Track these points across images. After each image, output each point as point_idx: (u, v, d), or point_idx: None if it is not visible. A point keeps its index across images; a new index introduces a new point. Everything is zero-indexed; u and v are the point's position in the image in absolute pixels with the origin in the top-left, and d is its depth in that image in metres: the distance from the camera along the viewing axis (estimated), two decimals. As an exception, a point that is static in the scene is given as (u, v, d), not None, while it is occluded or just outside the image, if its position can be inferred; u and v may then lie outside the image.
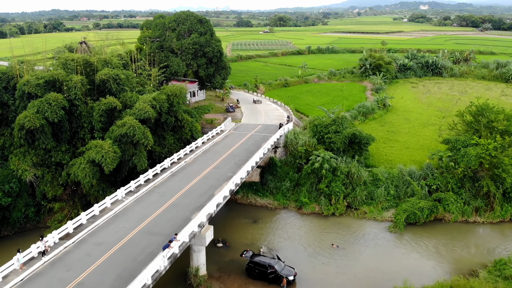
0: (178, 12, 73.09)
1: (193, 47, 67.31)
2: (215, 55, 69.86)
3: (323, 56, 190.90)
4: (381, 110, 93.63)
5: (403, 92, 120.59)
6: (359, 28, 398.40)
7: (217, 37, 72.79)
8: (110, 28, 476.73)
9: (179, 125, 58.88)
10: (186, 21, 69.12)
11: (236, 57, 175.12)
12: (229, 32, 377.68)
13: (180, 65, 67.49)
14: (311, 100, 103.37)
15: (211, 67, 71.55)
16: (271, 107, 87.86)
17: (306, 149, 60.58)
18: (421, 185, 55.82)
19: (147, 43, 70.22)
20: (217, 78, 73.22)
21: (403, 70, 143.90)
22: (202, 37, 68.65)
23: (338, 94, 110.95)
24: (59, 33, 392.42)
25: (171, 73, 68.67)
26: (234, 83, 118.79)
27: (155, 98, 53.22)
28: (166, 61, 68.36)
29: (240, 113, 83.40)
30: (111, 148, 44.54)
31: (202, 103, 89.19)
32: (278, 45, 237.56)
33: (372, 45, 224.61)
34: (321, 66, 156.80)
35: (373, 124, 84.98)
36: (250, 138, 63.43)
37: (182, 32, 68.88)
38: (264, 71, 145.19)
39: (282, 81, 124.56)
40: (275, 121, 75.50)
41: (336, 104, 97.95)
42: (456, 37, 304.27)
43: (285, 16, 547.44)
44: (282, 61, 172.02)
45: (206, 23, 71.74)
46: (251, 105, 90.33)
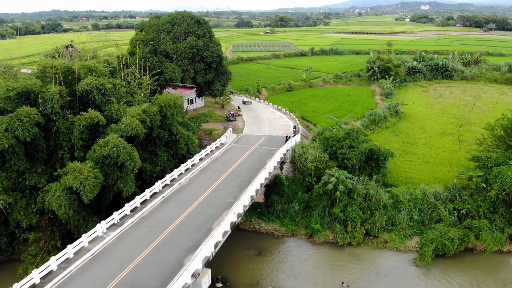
0: (174, 12, 66.42)
1: (190, 51, 60.57)
2: (215, 60, 63.11)
3: (327, 58, 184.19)
4: (393, 118, 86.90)
5: (414, 96, 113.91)
6: (362, 29, 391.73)
7: (216, 40, 66.07)
8: (109, 29, 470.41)
9: (173, 139, 52.24)
10: (182, 22, 62.39)
11: (237, 59, 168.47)
12: (229, 32, 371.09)
13: (176, 71, 60.84)
14: (318, 106, 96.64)
15: (210, 73, 64.81)
16: (275, 115, 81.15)
17: (316, 166, 53.91)
18: (449, 209, 49.10)
19: (139, 47, 63.61)
20: (216, 85, 66.52)
21: (412, 73, 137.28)
22: (200, 40, 61.91)
23: (345, 99, 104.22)
24: (56, 34, 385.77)
25: (165, 80, 61.99)
26: (235, 87, 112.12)
27: (146, 110, 46.54)
28: (160, 66, 61.69)
29: (242, 122, 76.71)
30: (91, 173, 37.80)
31: (201, 111, 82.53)
32: (280, 46, 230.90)
33: (377, 46, 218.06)
34: (325, 68, 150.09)
35: (387, 134, 78.24)
36: (254, 152, 56.70)
37: (177, 34, 62.16)
38: (266, 74, 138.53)
39: (285, 85, 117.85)
40: (280, 131, 68.81)
41: (345, 111, 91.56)
42: (461, 37, 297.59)
43: (286, 17, 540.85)
44: (284, 63, 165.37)
45: (204, 24, 64.95)
46: (253, 112, 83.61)
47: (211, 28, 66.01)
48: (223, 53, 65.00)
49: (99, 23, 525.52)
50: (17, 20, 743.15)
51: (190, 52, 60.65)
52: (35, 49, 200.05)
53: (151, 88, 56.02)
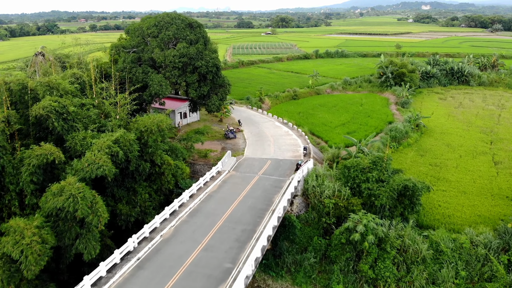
0: (161, 13, 55.96)
1: (180, 60, 50.17)
2: (210, 71, 52.66)
3: (333, 61, 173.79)
4: (415, 133, 76.49)
5: (431, 105, 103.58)
6: (365, 29, 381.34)
7: (213, 47, 55.55)
8: (107, 30, 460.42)
9: (157, 171, 41.91)
10: (171, 25, 51.92)
11: (237, 63, 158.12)
12: (229, 33, 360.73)
13: (163, 85, 50.46)
14: (328, 117, 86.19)
15: (204, 86, 54.42)
16: (280, 131, 70.71)
17: (335, 203, 43.53)
18: (503, 262, 38.72)
19: (120, 55, 53.32)
20: (213, 99, 56.13)
21: (426, 78, 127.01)
22: (193, 47, 51.49)
23: (358, 109, 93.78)
24: (52, 36, 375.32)
25: (150, 95, 51.69)
26: (235, 96, 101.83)
27: (119, 140, 36.20)
28: (144, 79, 51.39)
29: (243, 139, 66.36)
30: (36, 237, 27.47)
31: (196, 126, 72.18)
32: (283, 48, 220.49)
33: (384, 48, 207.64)
34: (332, 73, 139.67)
35: (410, 153, 67.85)
36: (257, 185, 46.31)
37: (165, 40, 51.77)
38: (268, 79, 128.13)
39: (290, 92, 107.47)
40: (288, 153, 58.44)
41: (359, 124, 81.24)
42: (469, 38, 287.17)
43: (287, 17, 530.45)
44: (288, 67, 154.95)
45: (197, 28, 54.41)
46: (256, 127, 73.25)
47: (206, 33, 55.52)
48: (220, 61, 54.66)
49: (97, 24, 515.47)
50: (15, 21, 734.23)
51: (180, 62, 50.25)
52: (24, 52, 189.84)
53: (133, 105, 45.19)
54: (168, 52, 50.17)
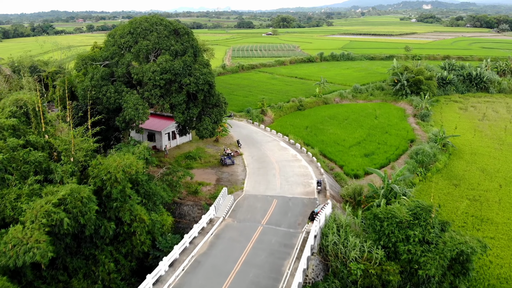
0: (139, 17, 45.00)
1: (161, 77, 39.35)
2: (201, 89, 41.84)
3: (339, 64, 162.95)
4: (443, 155, 65.80)
5: (452, 117, 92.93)
6: (369, 30, 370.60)
7: (204, 59, 44.43)
8: (104, 30, 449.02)
9: (125, 231, 31.24)
10: (150, 33, 40.97)
11: (237, 67, 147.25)
12: (229, 34, 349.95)
13: (140, 108, 39.54)
14: (340, 134, 75.43)
15: (194, 107, 43.54)
16: (287, 154, 59.97)
17: (365, 269, 32.84)
18: None
19: (88, 70, 42.59)
20: (204, 123, 45.26)
21: (442, 85, 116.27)
22: (178, 61, 40.54)
23: (372, 123, 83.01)
24: (47, 37, 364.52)
25: (124, 121, 41.02)
26: (233, 107, 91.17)
27: (66, 199, 25.59)
28: (117, 99, 40.75)
29: (242, 166, 55.64)
30: None
31: (187, 148, 61.51)
32: (285, 50, 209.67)
33: (392, 50, 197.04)
34: (340, 78, 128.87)
35: (441, 182, 57.19)
36: (261, 242, 35.50)
37: (143, 51, 40.99)
38: (271, 87, 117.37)
39: (295, 102, 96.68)
40: (297, 187, 47.72)
41: (377, 143, 70.55)
42: (478, 39, 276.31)
43: (288, 17, 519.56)
44: (291, 72, 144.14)
45: (185, 35, 43.34)
46: (258, 149, 62.60)
47: (196, 41, 44.48)
48: (214, 76, 43.84)
49: (95, 24, 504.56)
50: (14, 21, 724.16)
51: (162, 79, 39.48)
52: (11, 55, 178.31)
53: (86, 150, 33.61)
54: (147, 67, 39.37)
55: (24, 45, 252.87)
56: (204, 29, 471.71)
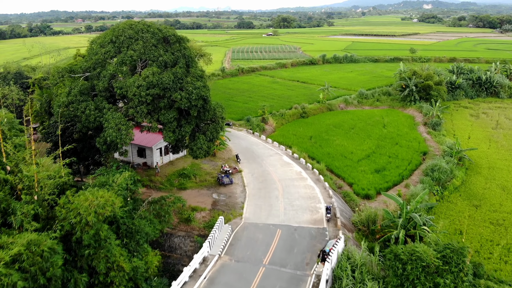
0: (123, 23, 39.44)
1: (148, 92, 34.02)
2: (194, 105, 36.45)
3: (342, 67, 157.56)
4: (459, 170, 60.49)
5: (464, 124, 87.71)
6: (371, 30, 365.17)
7: (198, 70, 38.72)
8: (103, 31, 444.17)
9: (101, 281, 25.95)
10: (136, 41, 35.30)
11: (237, 70, 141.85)
12: (229, 35, 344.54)
13: (122, 129, 34.04)
14: (346, 145, 70.13)
15: (187, 125, 38.18)
16: (291, 172, 54.57)
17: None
18: None
19: (65, 83, 37.20)
20: (198, 141, 39.88)
21: (451, 89, 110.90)
22: (167, 73, 35.05)
23: (381, 132, 77.71)
24: (44, 37, 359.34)
25: (105, 143, 35.59)
26: (233, 115, 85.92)
27: (22, 255, 20.34)
28: (98, 118, 35.40)
29: (241, 186, 50.33)
30: None
31: (180, 164, 56.19)
32: (286, 52, 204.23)
33: (396, 52, 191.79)
34: (344, 83, 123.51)
35: (460, 203, 51.89)
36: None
37: (127, 63, 35.51)
38: (272, 91, 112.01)
39: (298, 109, 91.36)
40: (304, 213, 42.38)
41: (387, 155, 65.34)
42: (482, 40, 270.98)
43: (289, 17, 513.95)
44: (293, 75, 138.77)
45: (176, 44, 37.61)
46: (258, 165, 57.30)
47: (189, 50, 38.77)
48: (209, 90, 38.36)
49: (94, 24, 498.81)
50: (13, 21, 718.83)
51: (148, 95, 34.18)
52: (3, 58, 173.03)
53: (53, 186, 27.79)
54: (131, 81, 33.95)
55: (19, 47, 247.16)
56: (204, 29, 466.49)
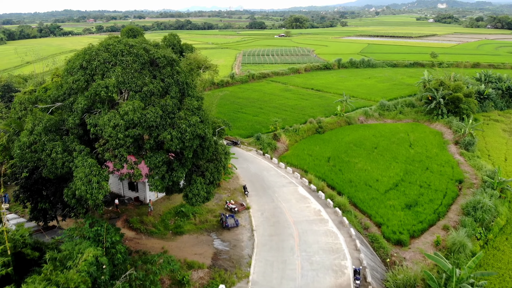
0: (98, 43, 31.07)
1: (127, 133, 25.90)
2: (187, 146, 28.39)
3: (359, 72, 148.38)
4: (502, 204, 51.56)
5: (497, 142, 78.63)
6: (386, 31, 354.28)
7: (194, 102, 30.02)
8: (114, 31, 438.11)
9: None
10: (113, 67, 26.54)
11: (247, 77, 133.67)
12: (240, 36, 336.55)
13: (93, 181, 25.58)
14: (370, 170, 61.54)
15: (180, 168, 30.13)
16: (308, 211, 46.13)
17: None
18: None
19: (29, 118, 29.38)
20: (194, 187, 31.53)
21: (479, 100, 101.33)
22: (154, 108, 26.76)
23: (407, 153, 68.95)
24: (53, 38, 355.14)
25: (74, 196, 27.45)
26: (241, 130, 77.95)
27: None
28: (67, 163, 27.54)
29: (249, 231, 42.11)
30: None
31: (178, 199, 47.66)
32: (299, 55, 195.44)
33: (415, 56, 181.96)
34: (362, 91, 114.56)
35: (509, 251, 43.09)
36: None
37: (101, 94, 27.34)
38: (284, 101, 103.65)
39: (313, 124, 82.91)
40: (325, 275, 33.96)
41: (417, 184, 56.75)
42: (504, 43, 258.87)
43: (302, 17, 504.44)
44: (307, 82, 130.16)
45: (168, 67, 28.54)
46: (269, 199, 49.11)
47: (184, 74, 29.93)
48: (209, 126, 30.25)
49: (104, 24, 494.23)
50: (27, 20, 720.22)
51: (128, 136, 26.06)
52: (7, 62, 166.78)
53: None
54: (105, 119, 25.91)
55: (24, 49, 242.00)
56: (215, 29, 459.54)
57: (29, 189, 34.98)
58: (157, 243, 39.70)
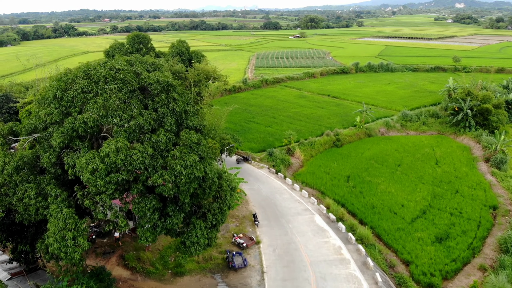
0: (77, 67, 26.12)
1: (109, 179, 21.16)
2: (183, 191, 23.45)
3: (377, 77, 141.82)
4: (549, 239, 45.53)
5: (533, 159, 71.83)
6: (404, 32, 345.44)
7: (194, 135, 25.23)
8: (128, 31, 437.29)
9: None
10: (94, 97, 22.00)
11: (260, 82, 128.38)
12: (254, 37, 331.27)
13: (68, 238, 20.98)
14: (394, 192, 55.84)
15: (176, 213, 24.99)
16: (327, 248, 40.71)
17: None
18: None
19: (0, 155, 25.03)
20: (193, 233, 26.34)
21: (507, 110, 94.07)
22: (142, 147, 22.36)
23: (434, 172, 63.01)
24: (66, 39, 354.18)
25: (47, 251, 22.49)
26: (253, 144, 72.84)
27: None
28: (42, 209, 23.00)
29: (258, 273, 36.88)
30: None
31: (183, 229, 43.23)
32: (314, 58, 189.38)
33: (436, 59, 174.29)
34: (382, 99, 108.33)
35: None
36: None
37: (78, 131, 22.84)
38: (299, 109, 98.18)
39: (330, 136, 77.35)
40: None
41: (448, 212, 50.98)
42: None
43: (317, 17, 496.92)
44: (323, 87, 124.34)
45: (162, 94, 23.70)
46: (282, 230, 43.91)
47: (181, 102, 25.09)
48: (211, 160, 25.36)
49: (119, 24, 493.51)
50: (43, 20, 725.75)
51: (110, 183, 21.01)
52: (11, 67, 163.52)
53: None
54: (83, 162, 21.00)
55: (38, 49, 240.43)
56: (229, 30, 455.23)
57: (7, 229, 30.40)
58: (154, 286, 34.83)
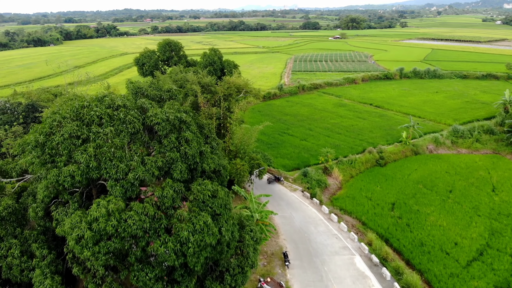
0: (66, 106, 21.62)
1: (98, 249, 16.61)
2: (193, 261, 18.64)
3: (424, 84, 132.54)
4: None
5: None
6: (451, 33, 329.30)
7: (214, 175, 20.66)
8: (168, 32, 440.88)
9: None
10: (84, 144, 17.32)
11: (296, 88, 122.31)
12: (292, 38, 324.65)
13: None
14: (446, 225, 48.83)
15: (185, 280, 20.58)
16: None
17: None
18: None
19: None
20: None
21: None
22: (139, 206, 17.69)
23: (491, 202, 55.28)
24: (107, 39, 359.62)
25: None
26: (286, 161, 67.27)
27: None
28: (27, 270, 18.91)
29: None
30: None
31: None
32: (355, 61, 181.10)
33: (488, 65, 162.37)
34: (429, 110, 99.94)
35: None
36: None
37: (65, 185, 18.48)
38: (338, 120, 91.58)
39: (373, 154, 70.57)
40: None
41: (509, 254, 43.45)
42: None
43: (358, 17, 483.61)
44: (364, 95, 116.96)
45: (173, 133, 19.06)
46: (318, 277, 38.14)
47: (196, 145, 20.70)
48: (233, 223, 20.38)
49: (159, 25, 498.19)
50: (89, 19, 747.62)
51: (99, 253, 16.42)
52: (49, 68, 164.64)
53: None
54: (67, 226, 16.27)
55: (79, 50, 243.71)
56: (268, 30, 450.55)
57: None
58: None
